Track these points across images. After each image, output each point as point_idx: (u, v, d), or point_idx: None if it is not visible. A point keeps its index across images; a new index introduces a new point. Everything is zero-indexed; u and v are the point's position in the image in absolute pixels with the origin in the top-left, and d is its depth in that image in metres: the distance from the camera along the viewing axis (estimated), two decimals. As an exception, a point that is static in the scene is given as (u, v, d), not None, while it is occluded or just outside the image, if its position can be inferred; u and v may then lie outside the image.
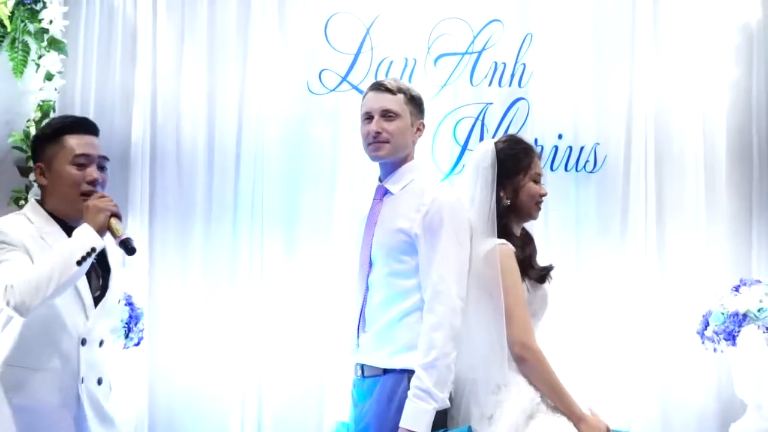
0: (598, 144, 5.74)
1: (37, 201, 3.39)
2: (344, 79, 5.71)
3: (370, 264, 3.57)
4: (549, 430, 3.38)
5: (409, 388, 3.39)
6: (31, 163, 5.42)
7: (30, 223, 3.29)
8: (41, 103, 5.49)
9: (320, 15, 5.73)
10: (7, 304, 3.05)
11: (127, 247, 3.19)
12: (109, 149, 5.61)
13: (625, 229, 5.69)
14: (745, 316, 5.17)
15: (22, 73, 5.40)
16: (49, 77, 5.48)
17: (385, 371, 3.50)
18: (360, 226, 3.75)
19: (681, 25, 5.79)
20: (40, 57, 5.48)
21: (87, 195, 3.28)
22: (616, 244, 5.68)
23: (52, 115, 5.50)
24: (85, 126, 3.39)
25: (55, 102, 5.52)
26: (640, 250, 5.64)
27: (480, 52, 5.74)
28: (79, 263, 3.09)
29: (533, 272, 3.58)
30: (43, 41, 5.47)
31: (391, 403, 3.46)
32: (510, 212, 3.62)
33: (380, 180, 3.70)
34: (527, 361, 3.45)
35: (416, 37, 5.71)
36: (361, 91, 5.53)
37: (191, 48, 5.75)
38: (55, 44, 5.50)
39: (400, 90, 3.67)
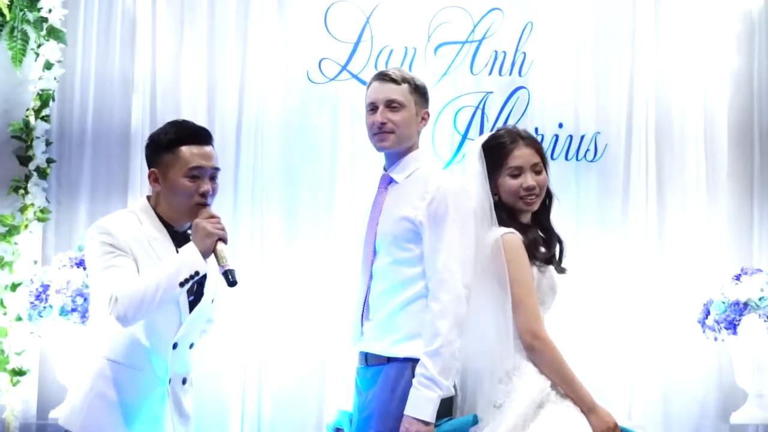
0: (599, 133, 5.74)
1: (148, 200, 3.43)
2: (344, 68, 5.71)
3: (374, 252, 3.56)
4: (558, 420, 3.37)
5: (413, 377, 3.38)
6: (30, 153, 5.45)
7: (140, 223, 3.35)
8: (40, 92, 5.50)
9: (320, 3, 5.74)
10: (111, 313, 3.16)
11: (228, 279, 3.27)
12: (109, 138, 5.67)
13: (625, 218, 5.69)
14: (746, 305, 5.18)
15: (21, 62, 5.40)
16: (48, 66, 5.48)
17: (389, 360, 3.48)
18: (362, 214, 3.74)
19: (682, 13, 5.80)
20: (39, 46, 5.49)
21: (199, 206, 3.34)
22: (617, 233, 5.69)
23: (51, 104, 5.51)
24: (200, 136, 3.41)
25: (54, 91, 5.54)
26: (641, 240, 5.65)
27: (480, 41, 5.74)
28: (181, 285, 3.19)
29: (540, 254, 3.56)
30: (42, 30, 5.48)
31: (395, 391, 3.44)
32: (502, 208, 3.61)
33: (385, 169, 3.69)
34: (537, 350, 3.44)
35: (416, 26, 5.71)
36: (360, 80, 5.55)
37: (191, 37, 5.75)
38: (54, 33, 5.50)
39: (404, 80, 3.65)
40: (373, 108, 3.64)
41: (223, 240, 3.29)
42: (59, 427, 3.39)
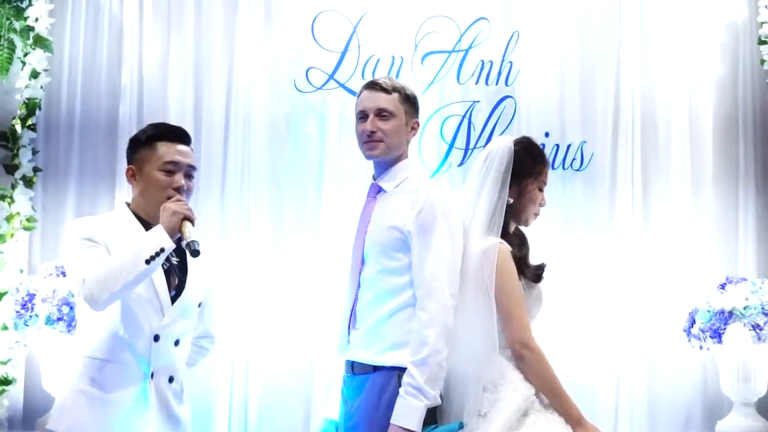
0: (585, 142, 5.76)
1: (126, 203, 3.50)
2: (331, 77, 5.71)
3: (363, 261, 3.56)
4: (543, 430, 3.38)
5: (399, 386, 3.38)
6: (16, 161, 5.44)
7: (114, 222, 3.41)
8: (27, 101, 5.49)
9: (307, 13, 5.74)
10: (81, 296, 3.21)
11: (191, 249, 3.28)
12: (96, 147, 5.65)
13: (611, 226, 5.70)
14: (731, 313, 5.19)
15: (7, 71, 5.39)
16: (34, 75, 5.48)
17: (376, 368, 3.48)
18: (349, 223, 3.75)
19: (667, 22, 5.82)
20: (25, 55, 5.48)
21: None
22: (603, 241, 5.69)
23: (38, 113, 5.51)
24: (178, 134, 3.49)
25: (40, 100, 5.53)
26: (627, 248, 5.66)
27: (467, 50, 5.75)
28: (147, 262, 3.20)
29: (529, 271, 3.58)
30: (28, 39, 5.47)
31: (381, 400, 3.44)
32: (509, 212, 3.62)
33: (374, 178, 3.70)
34: (527, 360, 3.45)
35: (403, 35, 5.72)
36: (348, 89, 5.57)
37: (178, 46, 5.75)
38: (40, 42, 5.49)
39: (395, 89, 3.65)
40: (363, 116, 3.64)
41: (190, 220, 3.32)
42: None
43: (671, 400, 5.61)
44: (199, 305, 3.56)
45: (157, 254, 3.21)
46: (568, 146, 5.75)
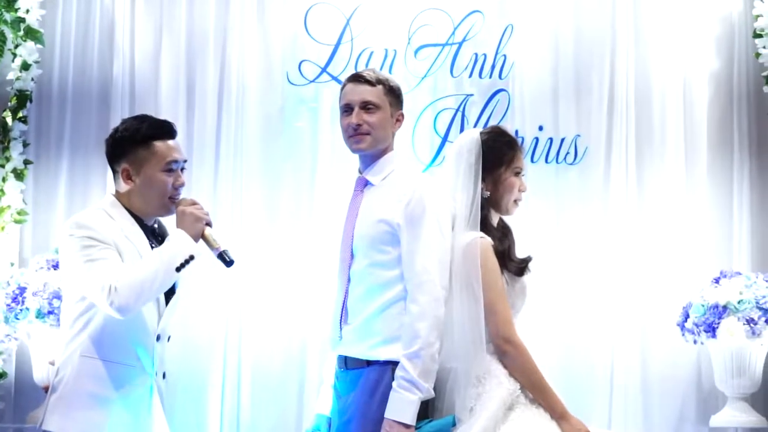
0: (579, 136, 5.75)
1: (114, 197, 3.44)
2: (324, 70, 5.70)
3: (352, 256, 3.55)
4: (528, 424, 3.37)
5: (393, 380, 3.37)
6: (7, 154, 5.44)
7: (111, 219, 3.36)
8: (18, 93, 5.47)
9: (300, 5, 5.73)
10: (110, 304, 3.17)
11: (225, 259, 3.34)
12: (87, 140, 5.65)
13: (605, 221, 5.68)
14: (725, 308, 5.18)
15: (-2, 62, 5.37)
16: (25, 67, 5.46)
17: (369, 363, 3.47)
18: (342, 215, 3.73)
19: (662, 15, 5.81)
20: (16, 46, 5.47)
21: (172, 199, 3.39)
22: (597, 236, 5.68)
23: (28, 105, 5.49)
24: (170, 130, 3.47)
25: (31, 92, 5.52)
26: (621, 243, 5.65)
27: (460, 44, 5.74)
28: (178, 270, 3.23)
29: (512, 265, 3.56)
30: (19, 30, 5.45)
31: (374, 395, 3.43)
32: (488, 204, 3.61)
33: (360, 171, 3.68)
34: (509, 355, 3.44)
35: (396, 28, 5.71)
36: (340, 82, 5.51)
37: (170, 38, 5.75)
38: (31, 34, 5.48)
39: (379, 81, 3.64)
40: (348, 109, 3.63)
41: (209, 224, 3.36)
42: (35, 428, 3.38)
43: (665, 394, 5.60)
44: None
45: (187, 262, 3.24)
46: (562, 140, 5.73)
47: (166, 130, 3.44)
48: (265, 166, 5.69)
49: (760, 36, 5.61)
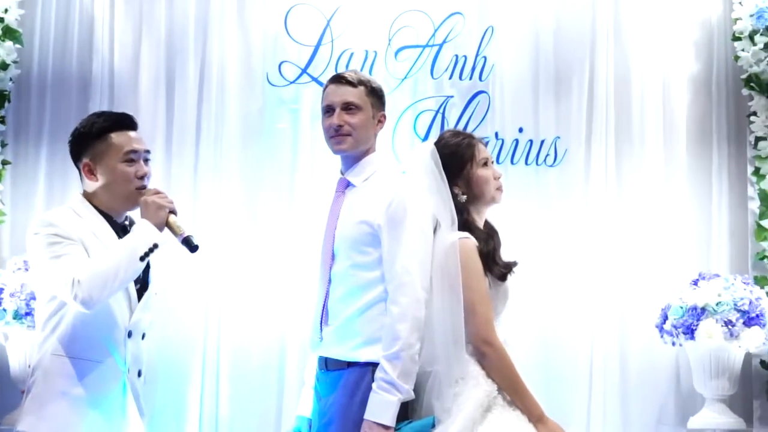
0: (559, 138, 5.75)
1: (83, 196, 3.45)
2: (304, 71, 5.69)
3: (333, 257, 3.55)
4: (505, 425, 3.38)
5: (373, 381, 3.38)
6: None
7: (79, 217, 3.36)
8: (-4, 93, 5.44)
9: (280, 6, 5.72)
10: (75, 298, 3.16)
11: (190, 245, 3.34)
12: (66, 141, 5.56)
13: (585, 223, 5.69)
14: (703, 309, 5.19)
15: (-24, 62, 5.34)
16: (3, 67, 5.44)
17: (349, 364, 3.48)
18: (323, 217, 3.73)
19: (642, 19, 5.82)
20: (-6, 46, 5.43)
21: (139, 189, 3.38)
22: (577, 238, 5.69)
23: (6, 105, 5.46)
24: (129, 122, 3.46)
25: (10, 92, 5.49)
26: (601, 245, 5.65)
27: (441, 45, 5.74)
28: (142, 258, 3.23)
29: (496, 268, 3.57)
30: (-2, 30, 5.42)
31: (354, 396, 3.44)
32: (469, 205, 3.61)
33: (342, 173, 3.68)
34: (488, 357, 3.46)
35: (377, 30, 5.71)
36: (321, 83, 5.51)
37: (149, 38, 5.73)
38: (10, 33, 5.46)
39: (360, 82, 3.65)
40: (329, 111, 3.63)
41: (173, 212, 3.35)
42: (12, 431, 3.37)
43: (644, 396, 5.61)
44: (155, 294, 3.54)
45: (151, 250, 3.24)
46: (542, 142, 5.74)
47: (123, 122, 3.44)
48: (245, 166, 5.67)
49: (739, 39, 5.63)
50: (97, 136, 3.39)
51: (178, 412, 5.48)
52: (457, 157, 3.62)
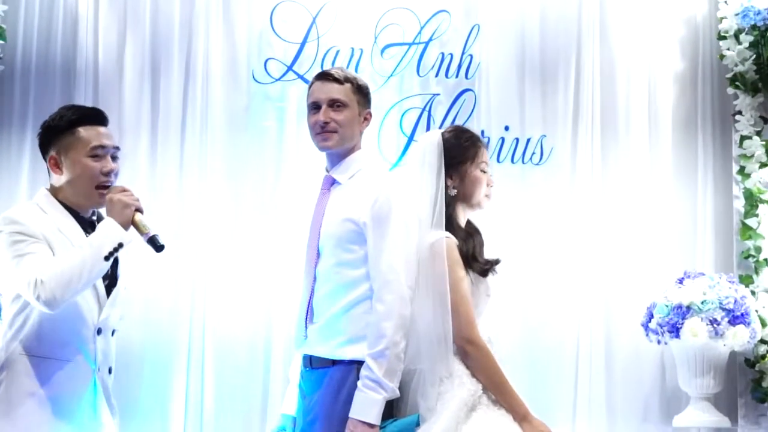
0: (545, 136, 5.75)
1: (48, 190, 3.41)
2: (290, 68, 5.67)
3: (318, 254, 3.56)
4: (490, 425, 3.39)
5: (358, 379, 3.39)
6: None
7: (44, 213, 3.33)
8: (-21, 89, 5.41)
9: (266, 3, 5.69)
10: (37, 298, 3.13)
11: (155, 244, 3.30)
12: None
13: (571, 222, 5.69)
14: (688, 308, 5.19)
15: (-41, 58, 5.32)
16: (-13, 62, 5.41)
17: (334, 362, 3.49)
18: (308, 215, 3.73)
19: (627, 17, 5.82)
20: (-23, 42, 5.41)
21: (103, 186, 3.35)
22: (562, 237, 5.68)
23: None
24: (99, 117, 3.44)
25: (-6, 88, 5.46)
26: (587, 244, 5.65)
27: (427, 43, 5.72)
28: (107, 258, 3.19)
29: (477, 265, 3.58)
30: (-20, 26, 5.39)
31: (339, 394, 3.45)
32: (456, 201, 3.63)
33: (327, 170, 3.69)
34: (471, 355, 3.47)
35: (363, 27, 5.68)
36: (306, 81, 5.51)
37: (134, 35, 5.69)
38: (-7, 29, 5.43)
39: (347, 79, 3.66)
40: (315, 107, 3.64)
41: (139, 210, 3.31)
42: None
43: (629, 394, 5.62)
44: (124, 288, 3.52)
45: (116, 249, 3.21)
46: (528, 140, 5.73)
47: (93, 117, 3.43)
48: (230, 163, 5.64)
49: (724, 38, 5.64)
50: (65, 129, 3.37)
51: (162, 409, 5.45)
52: (460, 151, 3.66)
